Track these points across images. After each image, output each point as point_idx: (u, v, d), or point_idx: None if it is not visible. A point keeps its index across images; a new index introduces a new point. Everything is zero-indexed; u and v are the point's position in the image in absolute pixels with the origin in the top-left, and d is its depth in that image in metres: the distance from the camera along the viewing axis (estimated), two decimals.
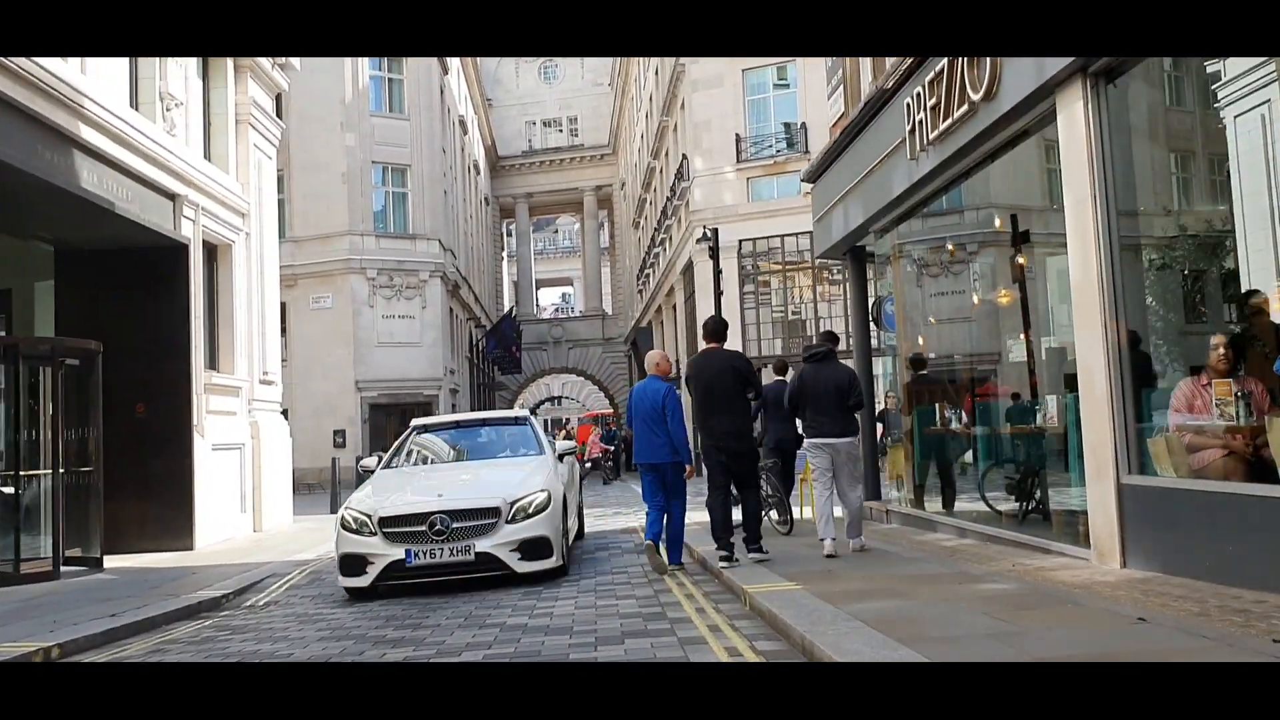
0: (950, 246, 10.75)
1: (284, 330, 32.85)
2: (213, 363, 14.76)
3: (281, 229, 33.08)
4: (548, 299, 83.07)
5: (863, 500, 8.83)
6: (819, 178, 12.75)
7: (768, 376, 11.97)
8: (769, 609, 5.74)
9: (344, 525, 8.51)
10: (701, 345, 8.68)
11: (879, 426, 13.23)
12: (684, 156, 29.84)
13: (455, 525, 8.19)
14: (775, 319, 29.37)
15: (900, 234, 11.10)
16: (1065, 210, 6.70)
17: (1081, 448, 6.80)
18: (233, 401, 14.83)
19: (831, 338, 9.51)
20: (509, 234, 64.58)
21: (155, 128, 12.60)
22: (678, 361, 34.95)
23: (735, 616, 6.25)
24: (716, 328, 8.36)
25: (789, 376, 10.79)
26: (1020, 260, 8.94)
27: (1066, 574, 6.30)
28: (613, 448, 32.54)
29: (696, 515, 11.71)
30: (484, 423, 12.17)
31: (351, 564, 8.40)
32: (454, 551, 8.17)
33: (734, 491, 8.44)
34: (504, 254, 64.16)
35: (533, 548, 8.35)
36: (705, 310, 27.97)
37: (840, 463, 8.27)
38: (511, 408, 60.71)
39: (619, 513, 15.61)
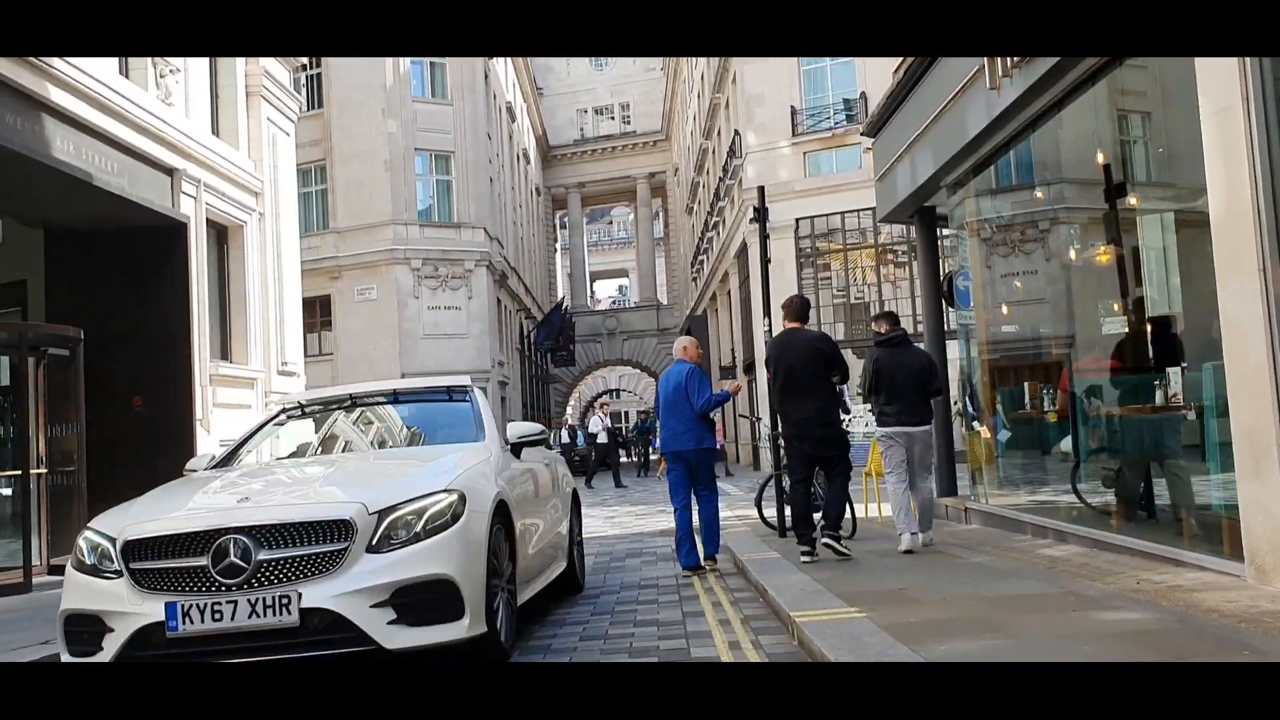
0: (1039, 193, 9.20)
1: (329, 324, 32.15)
2: (225, 352, 13.72)
3: (325, 220, 32.43)
4: (604, 291, 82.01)
5: (934, 492, 8.07)
6: (880, 130, 11.26)
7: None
8: (822, 649, 4.35)
9: (75, 559, 4.85)
10: (768, 328, 8.51)
11: (957, 413, 11.77)
12: (736, 133, 28.35)
13: (264, 556, 4.37)
14: (836, 303, 27.77)
15: (976, 188, 9.59)
16: (1203, 125, 5.18)
17: (1220, 432, 5.32)
18: (246, 394, 13.76)
19: (891, 319, 8.26)
20: (562, 226, 63.56)
21: (146, 96, 11.51)
22: (732, 351, 33.56)
23: (780, 655, 4.87)
24: (798, 306, 7.72)
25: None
26: (1122, 211, 7.42)
27: (1216, 597, 4.81)
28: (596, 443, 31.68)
29: (731, 512, 10.35)
30: (395, 397, 7.30)
31: (79, 629, 4.65)
32: (259, 607, 4.29)
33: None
34: (557, 246, 63.13)
35: (420, 600, 4.47)
36: (759, 296, 26.54)
37: (918, 453, 7.77)
38: (566, 401, 59.66)
39: (664, 510, 14.25)
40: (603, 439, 27.38)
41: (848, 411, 11.38)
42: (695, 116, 40.42)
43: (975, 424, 10.14)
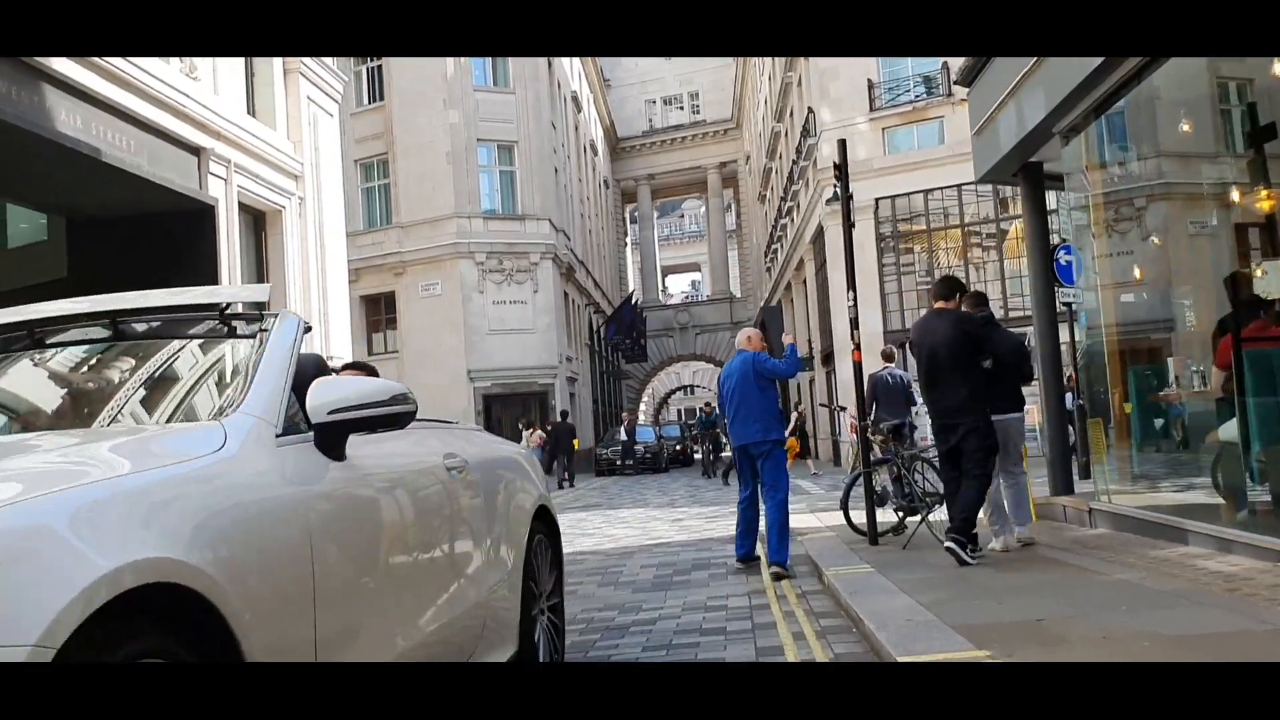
0: (1185, 125, 7.74)
1: (394, 321, 31.48)
2: None
3: (388, 215, 31.77)
4: (675, 287, 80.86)
5: (1026, 485, 7.27)
6: (978, 76, 9.85)
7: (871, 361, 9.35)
8: None
9: None
10: (852, 301, 7.78)
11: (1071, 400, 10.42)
12: (810, 110, 26.90)
13: None
14: (920, 287, 26.17)
15: (1099, 133, 8.17)
16: None
17: None
18: None
19: (978, 299, 7.54)
20: (632, 220, 62.53)
21: (168, 69, 10.62)
22: (809, 342, 32.07)
23: None
24: (944, 286, 7.14)
25: (895, 364, 10.85)
26: None
27: None
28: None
29: (812, 515, 9.13)
30: (113, 325, 3.28)
31: None
32: None
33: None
34: (627, 240, 62.13)
35: None
36: (838, 282, 25.05)
37: (1012, 443, 7.14)
38: (639, 398, 58.62)
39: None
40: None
41: (914, 402, 10.39)
42: (766, 100, 38.99)
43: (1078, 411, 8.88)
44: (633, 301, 44.93)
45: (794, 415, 23.86)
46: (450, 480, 3.60)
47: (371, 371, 4.43)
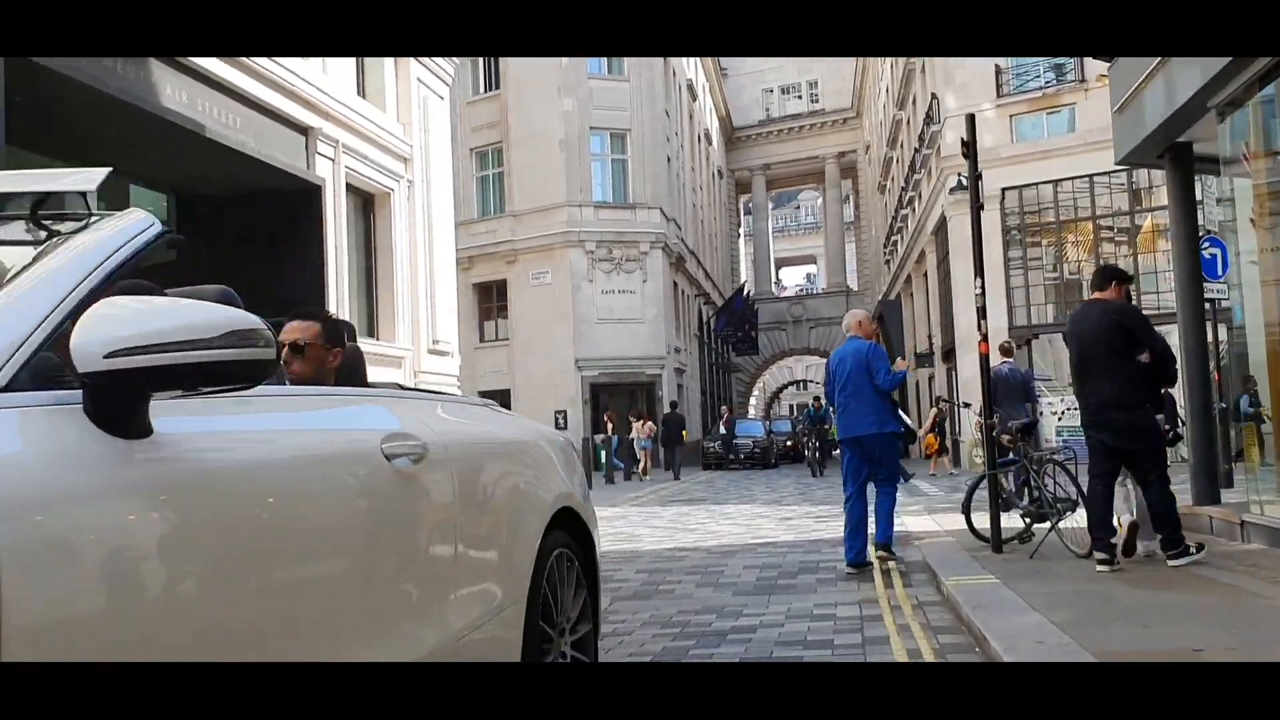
0: None
1: (505, 309, 31.59)
2: (370, 329, 12.79)
3: (501, 204, 31.88)
4: (790, 280, 79.75)
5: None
6: None
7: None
8: None
9: None
10: (979, 288, 7.28)
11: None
12: (933, 97, 25.91)
13: None
14: (1048, 282, 24.95)
15: (1261, 112, 7.35)
16: None
17: None
18: (392, 374, 12.76)
19: (1108, 274, 6.81)
20: (747, 212, 61.75)
21: None
22: (929, 337, 30.99)
23: None
24: (1101, 276, 6.70)
25: (1014, 360, 10.61)
26: None
27: None
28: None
29: (929, 518, 8.56)
30: None
31: None
32: None
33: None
34: (740, 232, 61.40)
35: None
36: (961, 275, 24.07)
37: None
38: (749, 391, 57.88)
39: None
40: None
41: (1034, 399, 9.88)
42: (888, 88, 37.89)
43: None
44: (744, 293, 44.24)
45: (934, 410, 22.09)
46: (389, 473, 2.42)
47: (328, 321, 3.28)
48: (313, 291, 10.93)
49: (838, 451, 10.10)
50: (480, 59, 32.33)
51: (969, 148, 7.99)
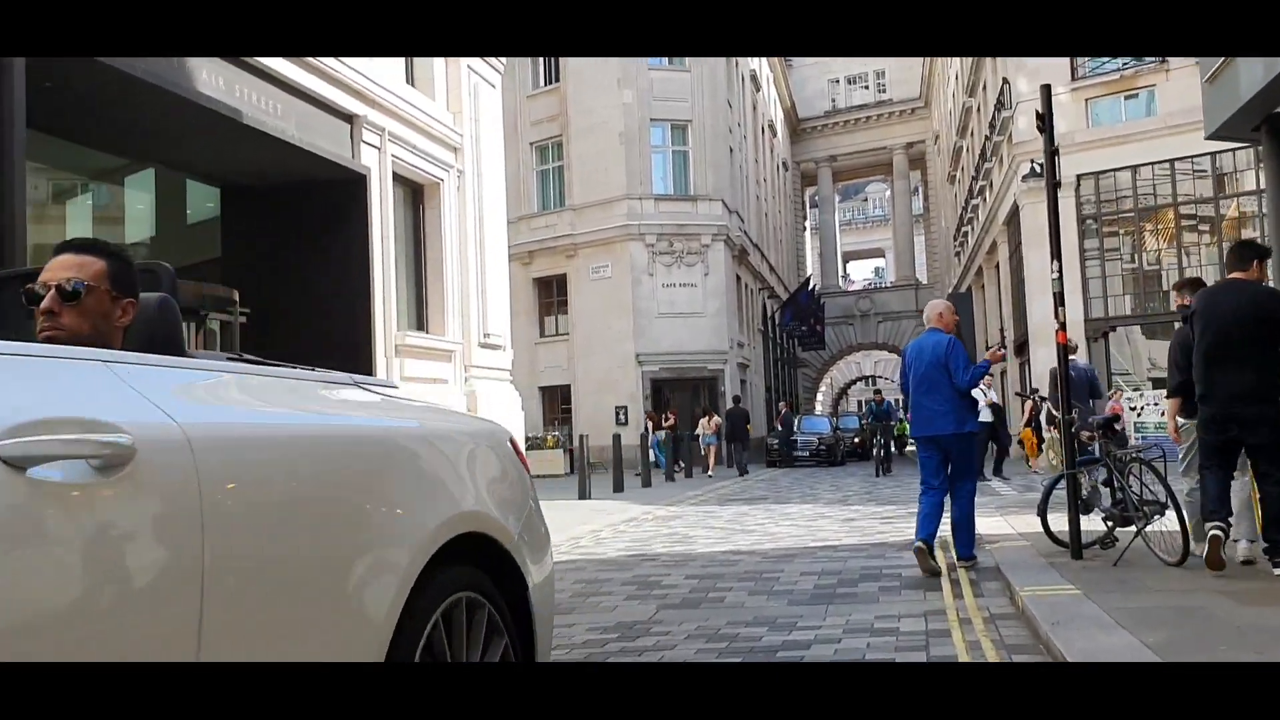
0: None
1: (565, 303, 31.28)
2: (419, 322, 12.51)
3: (561, 197, 31.57)
4: (858, 274, 78.47)
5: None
6: None
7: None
8: None
9: None
10: (1057, 273, 6.80)
11: None
12: (1004, 82, 24.98)
13: None
14: (1126, 273, 23.89)
15: None
16: None
17: None
18: (442, 368, 12.49)
19: (1195, 285, 6.63)
20: (813, 205, 60.81)
21: None
22: (1000, 330, 30.00)
23: None
24: (1238, 254, 6.12)
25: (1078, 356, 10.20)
26: None
27: None
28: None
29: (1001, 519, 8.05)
30: None
31: None
32: None
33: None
34: (806, 225, 60.49)
35: None
36: (1035, 265, 23.16)
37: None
38: (816, 388, 56.94)
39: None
40: (986, 416, 16.27)
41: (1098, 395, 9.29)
42: (958, 75, 36.85)
43: None
44: (810, 286, 43.44)
45: (1028, 404, 19.28)
46: (12, 491, 1.39)
47: (117, 258, 2.32)
48: (359, 282, 10.66)
49: (911, 448, 9.68)
50: None
51: (1044, 120, 7.41)
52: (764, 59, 43.52)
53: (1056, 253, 7.16)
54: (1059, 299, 7.06)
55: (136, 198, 11.28)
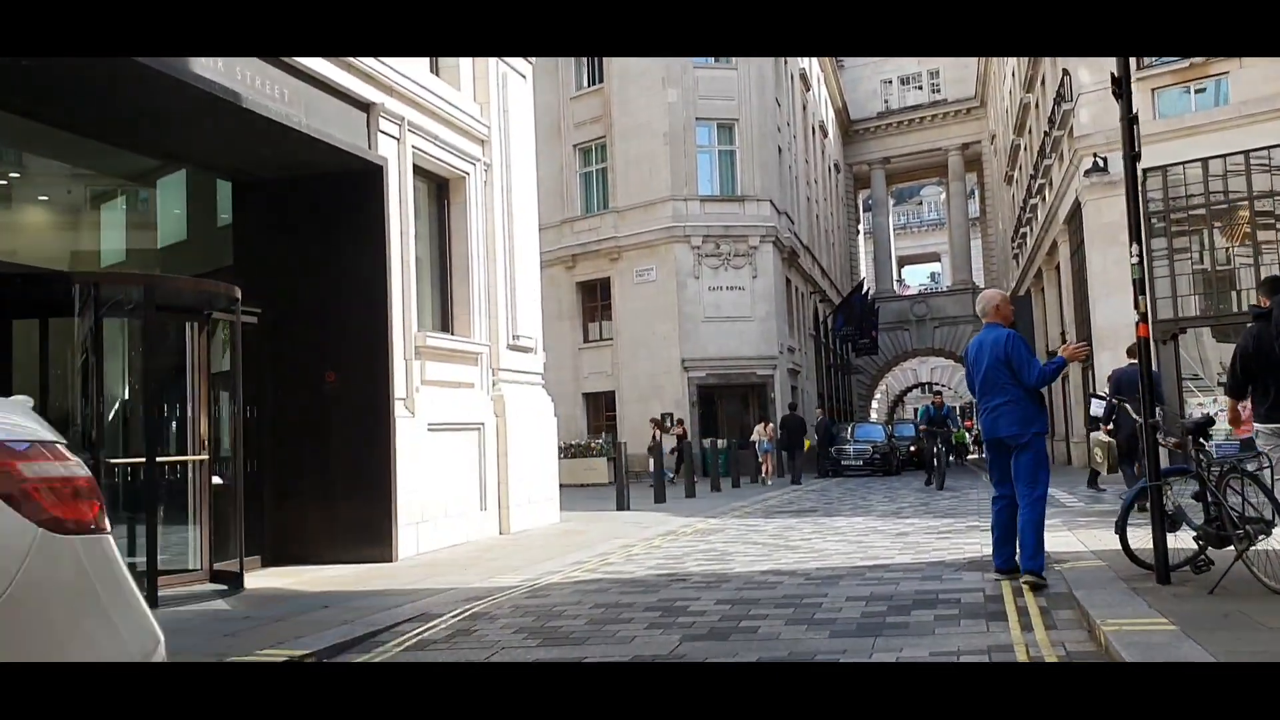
0: None
1: (609, 308, 30.60)
2: (445, 323, 11.87)
3: (605, 199, 30.92)
4: (913, 279, 76.96)
5: None
6: None
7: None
8: None
9: None
10: (1137, 258, 6.15)
11: None
12: (1064, 73, 23.85)
13: None
14: (1195, 272, 22.61)
15: None
16: None
17: None
18: (468, 371, 11.83)
19: (1275, 285, 6.20)
20: (866, 209, 59.65)
21: None
22: (1062, 334, 28.76)
23: None
24: None
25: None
26: None
27: None
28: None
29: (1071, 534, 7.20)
30: None
31: None
32: None
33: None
34: (859, 229, 59.35)
35: None
36: (1097, 264, 22.02)
37: None
38: (871, 395, 55.66)
39: (976, 526, 10.85)
40: (1096, 410, 12.95)
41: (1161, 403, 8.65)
42: (1014, 71, 35.62)
43: None
44: (863, 290, 42.37)
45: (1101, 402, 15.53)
46: None
47: None
48: (374, 280, 10.02)
49: (973, 456, 9.02)
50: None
51: (1121, 86, 6.56)
52: (815, 58, 42.60)
53: (1137, 235, 6.29)
54: (1140, 286, 6.20)
55: (171, 201, 10.84)
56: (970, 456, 40.25)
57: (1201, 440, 5.95)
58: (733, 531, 11.71)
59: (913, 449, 31.67)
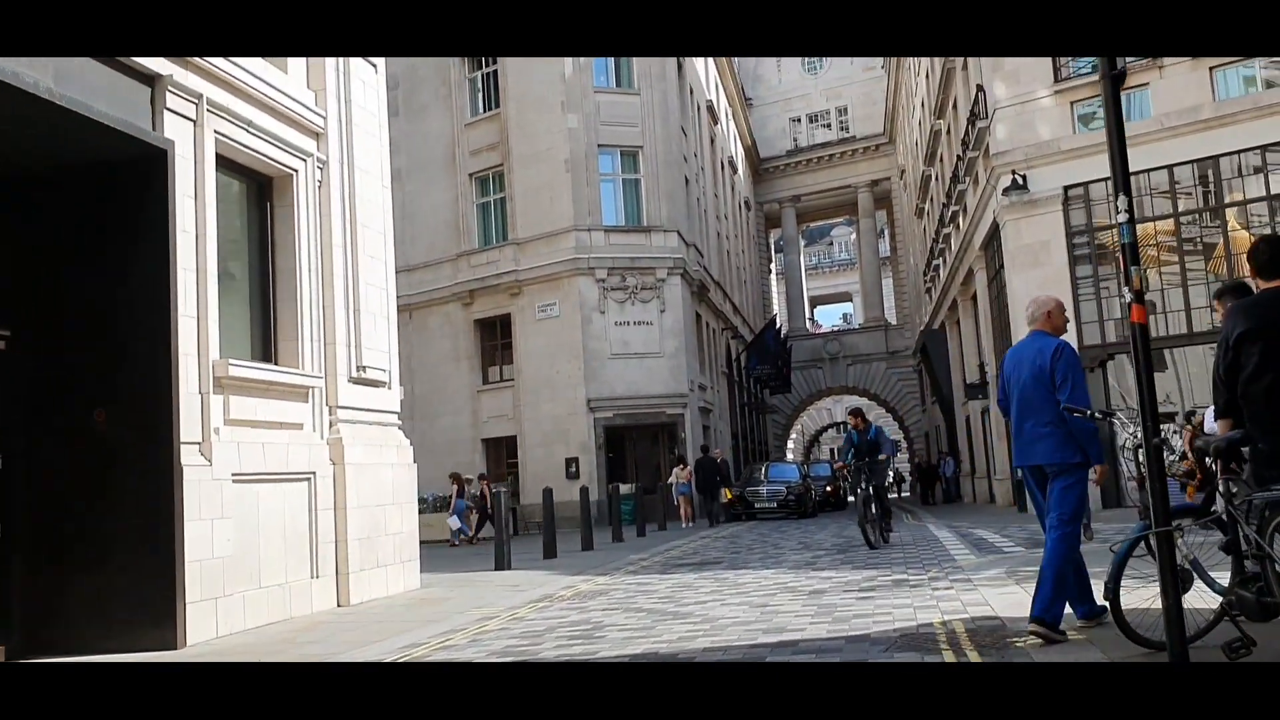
0: None
1: (509, 347, 28.51)
2: (267, 351, 9.79)
3: (504, 231, 28.93)
4: (826, 319, 76.56)
5: None
6: None
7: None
8: None
9: None
10: (1125, 213, 4.63)
11: None
12: (978, 90, 22.78)
13: None
14: (1123, 297, 21.46)
15: None
16: None
17: None
18: (294, 408, 9.75)
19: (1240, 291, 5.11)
20: (778, 250, 58.80)
21: None
22: (980, 366, 27.58)
23: None
24: (1274, 251, 4.58)
25: None
26: None
27: None
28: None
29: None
30: None
31: None
32: None
33: None
34: (771, 269, 58.46)
35: None
36: (1019, 288, 20.72)
37: None
38: (786, 434, 54.27)
39: (905, 580, 9.02)
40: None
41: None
42: (924, 101, 34.88)
43: None
44: (776, 326, 41.08)
45: (1182, 431, 11.13)
46: None
47: None
48: (155, 294, 7.95)
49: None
50: (479, 77, 29.73)
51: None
52: (722, 92, 41.52)
53: (1123, 186, 4.60)
54: (1131, 253, 4.49)
55: None
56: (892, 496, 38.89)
57: (1233, 466, 4.22)
58: (619, 593, 9.77)
59: (829, 489, 30.11)
